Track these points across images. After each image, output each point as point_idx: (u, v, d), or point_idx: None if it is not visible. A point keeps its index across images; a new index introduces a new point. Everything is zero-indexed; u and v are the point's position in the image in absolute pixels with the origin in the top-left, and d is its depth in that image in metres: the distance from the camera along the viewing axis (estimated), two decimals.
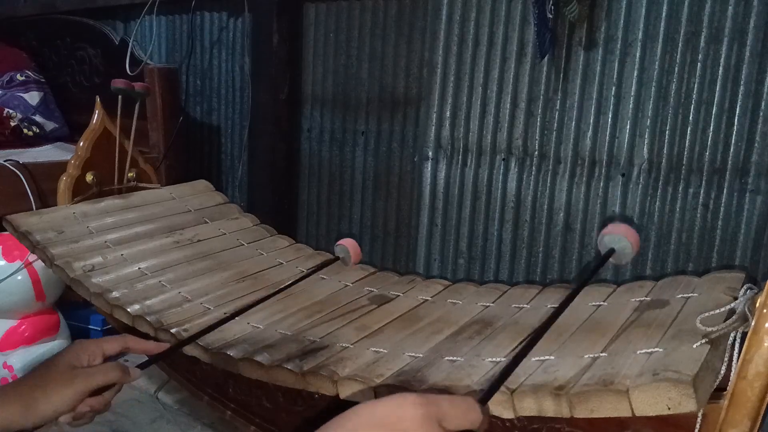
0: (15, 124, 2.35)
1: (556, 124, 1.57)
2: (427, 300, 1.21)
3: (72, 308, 1.84)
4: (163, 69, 2.20)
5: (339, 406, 0.49)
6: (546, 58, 1.54)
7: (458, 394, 0.78)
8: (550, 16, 1.41)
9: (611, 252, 0.78)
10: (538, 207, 1.62)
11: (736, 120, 1.35)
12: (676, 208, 1.44)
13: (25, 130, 2.39)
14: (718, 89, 1.36)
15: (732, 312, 0.75)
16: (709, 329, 0.72)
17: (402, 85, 1.83)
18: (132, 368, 0.78)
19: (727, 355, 0.72)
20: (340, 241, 1.15)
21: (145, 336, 1.12)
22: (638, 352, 0.77)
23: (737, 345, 0.71)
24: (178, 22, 2.35)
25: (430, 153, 1.76)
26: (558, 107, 1.56)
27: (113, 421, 1.53)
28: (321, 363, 0.95)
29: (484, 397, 0.53)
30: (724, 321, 0.74)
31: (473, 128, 1.69)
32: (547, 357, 0.83)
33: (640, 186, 1.47)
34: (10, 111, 2.37)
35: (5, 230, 1.44)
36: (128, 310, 1.18)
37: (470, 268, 1.75)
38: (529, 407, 0.73)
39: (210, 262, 1.40)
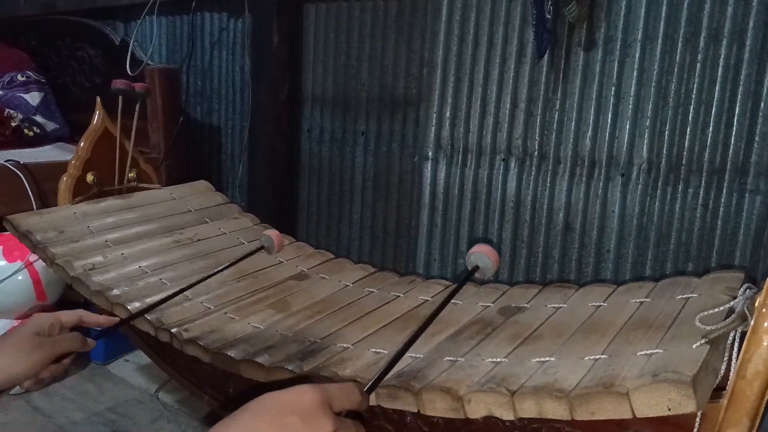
0: (16, 124, 2.35)
1: (555, 124, 1.57)
2: (428, 300, 1.21)
3: (72, 308, 1.84)
4: (163, 69, 2.20)
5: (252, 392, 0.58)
6: (545, 59, 1.55)
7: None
8: (549, 17, 1.41)
9: (476, 268, 0.94)
10: (537, 207, 1.63)
11: (735, 120, 1.35)
12: (676, 208, 1.44)
13: (26, 131, 2.39)
14: (717, 89, 1.36)
15: (731, 311, 0.75)
16: (709, 328, 0.72)
17: (402, 85, 1.83)
18: (89, 339, 0.89)
19: (726, 354, 0.72)
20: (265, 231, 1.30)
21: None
22: (638, 353, 0.77)
23: (736, 344, 0.71)
24: (178, 23, 2.36)
25: (430, 153, 1.76)
26: (558, 107, 1.56)
27: (114, 421, 1.53)
28: (321, 364, 0.95)
29: (369, 387, 0.65)
30: (724, 320, 0.74)
31: (473, 128, 1.69)
32: (547, 358, 0.83)
33: (640, 186, 1.48)
34: (11, 111, 2.37)
35: (6, 230, 1.44)
36: (129, 308, 1.18)
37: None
38: (529, 409, 0.73)
39: (210, 261, 1.40)
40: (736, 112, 1.35)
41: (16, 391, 1.65)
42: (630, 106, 1.46)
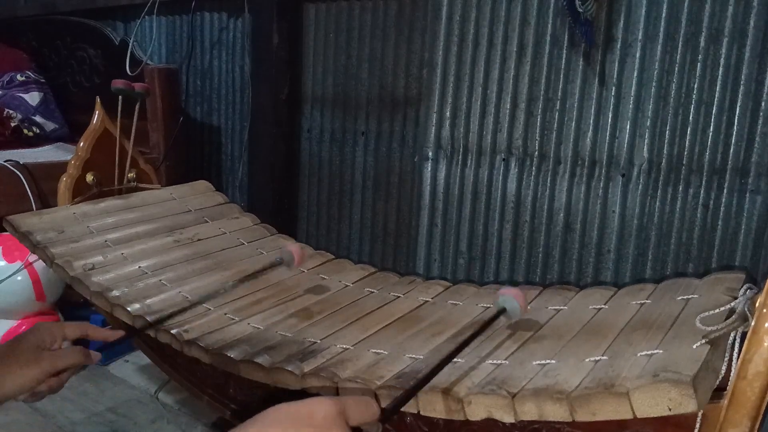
0: (15, 124, 2.35)
1: (556, 124, 1.57)
2: (428, 301, 1.21)
3: (72, 308, 1.84)
4: (163, 69, 2.20)
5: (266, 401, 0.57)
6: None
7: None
8: (581, 11, 1.40)
9: (503, 311, 0.92)
10: (538, 207, 1.62)
11: (736, 120, 1.35)
12: (676, 208, 1.44)
13: (26, 131, 2.39)
14: (718, 89, 1.36)
15: (732, 312, 0.75)
16: (709, 329, 0.72)
17: (402, 85, 1.83)
18: (93, 352, 0.84)
19: (726, 355, 0.72)
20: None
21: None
22: (639, 354, 0.77)
23: (737, 345, 0.71)
24: (178, 23, 2.36)
25: (430, 153, 1.76)
26: (558, 107, 1.56)
27: (114, 421, 1.53)
28: (321, 365, 0.95)
29: (391, 410, 0.63)
30: (724, 321, 0.74)
31: (473, 128, 1.69)
32: (548, 361, 0.83)
33: (640, 186, 1.47)
34: (11, 111, 2.37)
35: (5, 231, 1.44)
36: (128, 309, 1.18)
37: (470, 268, 1.75)
38: (530, 411, 0.73)
39: (210, 262, 1.40)
40: (737, 112, 1.35)
41: None
42: (630, 106, 1.46)
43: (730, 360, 0.71)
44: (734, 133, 1.36)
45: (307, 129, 2.07)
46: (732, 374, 0.69)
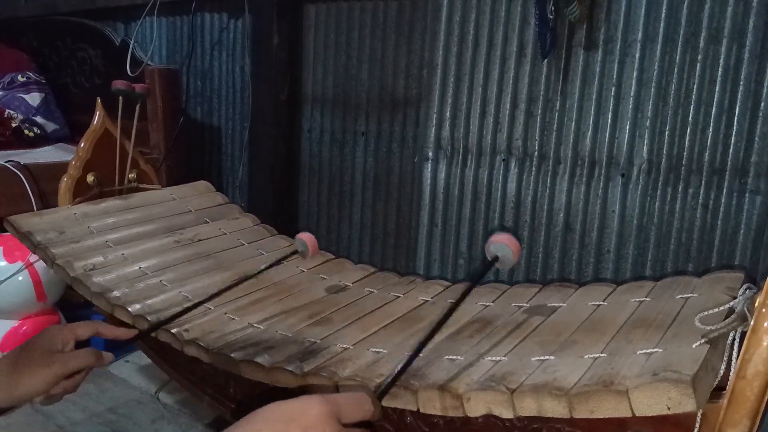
0: (16, 125, 2.36)
1: (555, 125, 1.57)
2: (428, 301, 1.21)
3: (73, 309, 1.84)
4: (163, 70, 2.20)
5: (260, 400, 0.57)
6: (547, 59, 1.55)
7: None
8: (551, 17, 1.41)
9: (496, 258, 0.89)
10: (538, 207, 1.63)
11: (735, 120, 1.35)
12: (676, 208, 1.44)
13: (26, 131, 2.39)
14: (717, 89, 1.36)
15: (731, 311, 0.75)
16: (708, 328, 0.72)
17: (402, 85, 1.83)
18: (105, 353, 0.85)
19: (726, 354, 0.72)
20: (299, 235, 1.24)
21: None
22: (638, 352, 0.77)
23: (736, 344, 0.71)
24: (178, 23, 2.36)
25: (430, 153, 1.76)
26: (558, 107, 1.56)
27: (114, 421, 1.53)
28: (321, 364, 0.95)
29: (381, 393, 0.64)
30: (723, 320, 0.74)
31: (473, 128, 1.69)
32: (547, 357, 0.83)
33: (640, 186, 1.48)
34: (11, 112, 2.37)
35: (6, 231, 1.45)
36: (129, 309, 1.18)
37: (470, 268, 1.75)
38: (528, 407, 0.73)
39: (210, 262, 1.40)
40: (736, 112, 1.35)
41: None
42: (630, 107, 1.46)
43: (730, 359, 0.71)
44: (734, 133, 1.36)
45: (307, 129, 2.07)
46: (731, 374, 0.69)
